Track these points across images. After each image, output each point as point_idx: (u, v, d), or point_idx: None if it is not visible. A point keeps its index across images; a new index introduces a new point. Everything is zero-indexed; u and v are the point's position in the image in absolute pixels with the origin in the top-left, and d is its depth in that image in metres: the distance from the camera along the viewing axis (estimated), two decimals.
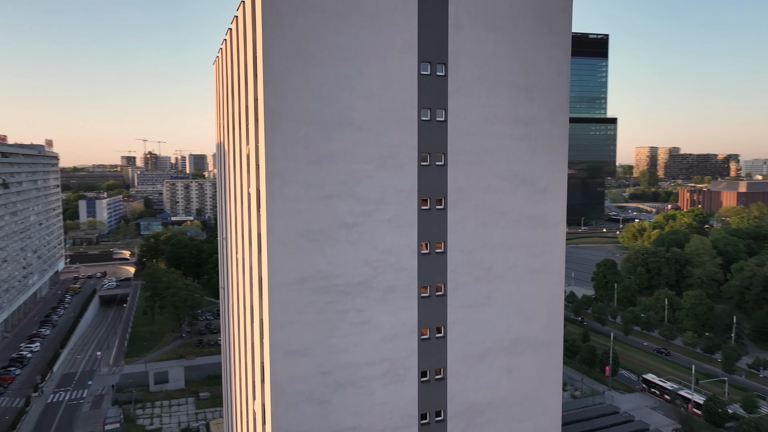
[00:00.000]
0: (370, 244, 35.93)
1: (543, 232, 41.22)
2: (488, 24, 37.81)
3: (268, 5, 32.21)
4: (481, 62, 37.92)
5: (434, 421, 39.06)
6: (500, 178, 39.45)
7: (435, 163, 37.52)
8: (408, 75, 36.05)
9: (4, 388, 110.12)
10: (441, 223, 38.04)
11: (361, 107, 34.91)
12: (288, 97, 33.07)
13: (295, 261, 34.04)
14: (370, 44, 34.86)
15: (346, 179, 34.90)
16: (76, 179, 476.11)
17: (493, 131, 38.77)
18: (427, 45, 36.38)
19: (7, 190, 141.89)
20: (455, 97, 37.51)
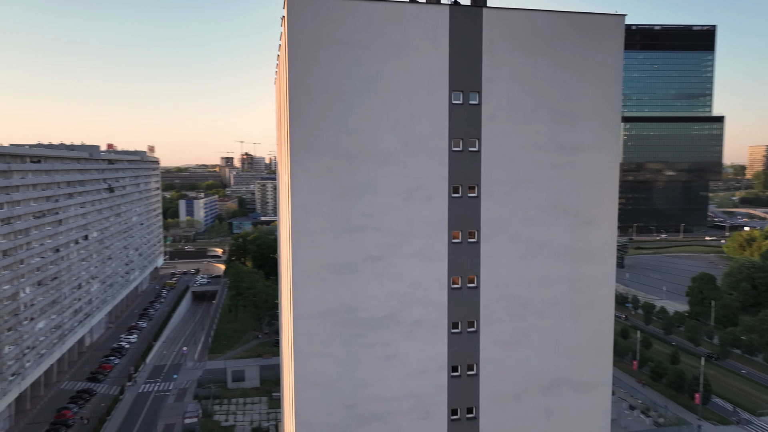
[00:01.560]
0: (396, 278, 35.32)
1: (588, 267, 38.38)
2: (526, 47, 35.76)
3: (294, 40, 32.55)
4: (518, 88, 35.96)
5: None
6: (539, 209, 37.22)
7: (467, 194, 36.13)
8: (438, 104, 34.98)
9: (104, 375, 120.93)
10: (473, 256, 36.58)
11: (388, 139, 34.36)
12: (313, 131, 33.25)
13: (320, 293, 34.20)
14: (398, 75, 34.20)
15: (372, 212, 34.53)
16: (180, 179, 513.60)
17: (531, 160, 36.66)
18: (459, 73, 35.07)
19: (113, 194, 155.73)
20: (489, 126, 35.87)
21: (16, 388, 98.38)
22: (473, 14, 34.87)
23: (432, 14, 34.31)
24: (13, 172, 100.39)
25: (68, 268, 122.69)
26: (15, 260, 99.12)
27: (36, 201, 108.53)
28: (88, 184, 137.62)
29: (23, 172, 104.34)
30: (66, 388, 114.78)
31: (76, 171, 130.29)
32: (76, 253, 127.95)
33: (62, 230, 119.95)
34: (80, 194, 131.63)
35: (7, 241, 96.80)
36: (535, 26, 35.77)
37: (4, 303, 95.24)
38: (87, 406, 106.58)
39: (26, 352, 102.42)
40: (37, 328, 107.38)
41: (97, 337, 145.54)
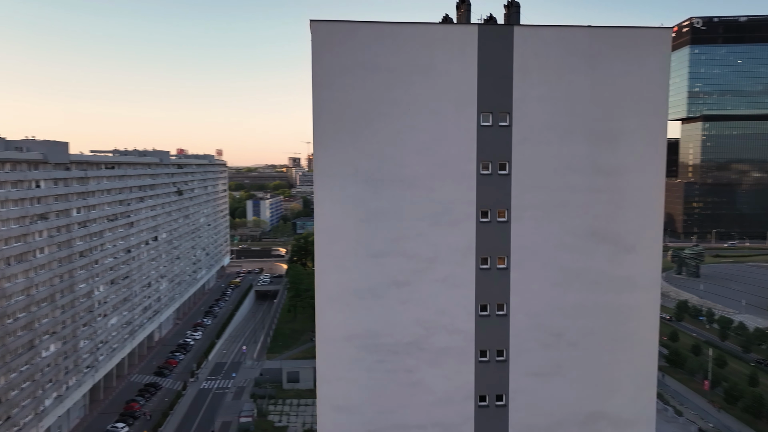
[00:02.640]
0: (421, 304, 34.69)
1: (630, 296, 36.04)
2: (561, 66, 34.03)
3: (318, 66, 32.66)
4: (552, 108, 34.29)
5: None
6: (575, 235, 35.35)
7: (496, 219, 34.90)
8: (465, 127, 34.00)
9: (170, 371, 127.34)
10: (503, 283, 35.30)
11: (413, 163, 33.79)
12: (336, 156, 33.26)
13: (343, 318, 34.18)
14: (423, 98, 33.54)
15: (397, 237, 34.09)
16: (249, 179, 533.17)
17: (566, 183, 34.88)
18: (488, 94, 33.92)
19: (181, 197, 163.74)
20: (521, 148, 34.46)
21: (90, 380, 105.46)
22: (504, 33, 33.61)
23: (460, 35, 33.38)
24: (90, 179, 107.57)
25: (139, 267, 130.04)
26: (90, 260, 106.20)
27: (110, 205, 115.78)
28: (158, 188, 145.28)
29: (98, 178, 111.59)
30: (135, 381, 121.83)
31: (148, 176, 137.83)
32: (147, 254, 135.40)
33: (133, 232, 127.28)
34: (151, 198, 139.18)
35: (83, 242, 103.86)
36: (571, 43, 33.98)
37: (80, 300, 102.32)
38: (153, 399, 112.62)
39: (99, 347, 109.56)
40: (110, 324, 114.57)
41: (166, 333, 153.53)
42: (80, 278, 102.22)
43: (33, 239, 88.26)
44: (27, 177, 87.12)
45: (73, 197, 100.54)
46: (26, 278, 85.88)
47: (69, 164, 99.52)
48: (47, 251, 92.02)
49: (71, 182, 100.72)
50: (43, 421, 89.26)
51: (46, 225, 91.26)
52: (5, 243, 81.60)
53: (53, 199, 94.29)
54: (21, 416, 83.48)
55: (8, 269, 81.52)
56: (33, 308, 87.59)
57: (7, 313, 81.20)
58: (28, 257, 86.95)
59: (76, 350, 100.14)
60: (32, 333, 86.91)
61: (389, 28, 32.76)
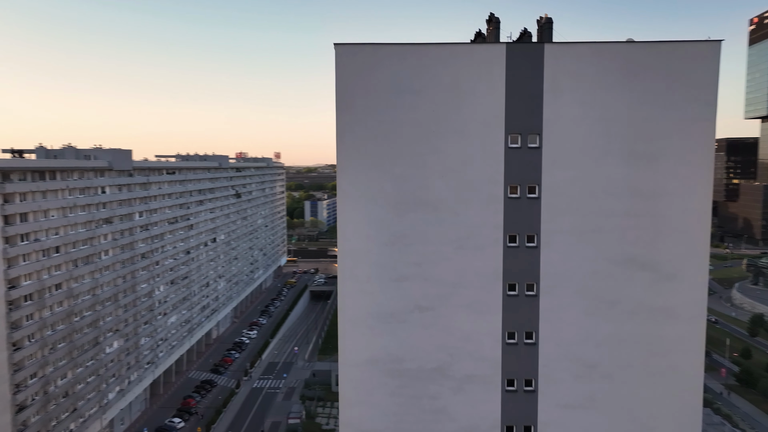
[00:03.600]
0: (446, 330, 33.93)
1: (671, 328, 33.72)
2: (595, 85, 32.24)
3: (341, 90, 32.58)
4: (586, 129, 32.56)
5: None
6: (610, 262, 33.43)
7: (525, 244, 33.57)
8: (492, 149, 32.90)
9: (225, 369, 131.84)
10: (532, 310, 33.93)
11: (438, 186, 33.06)
12: (360, 179, 33.06)
13: (366, 342, 33.97)
14: (449, 119, 32.73)
15: (421, 261, 33.49)
16: (309, 179, 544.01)
17: (600, 208, 33.05)
18: (517, 115, 32.65)
19: (240, 199, 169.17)
20: (551, 171, 32.96)
21: (151, 375, 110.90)
22: (533, 51, 32.23)
23: (487, 54, 32.31)
24: (151, 184, 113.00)
25: (198, 268, 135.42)
26: (151, 262, 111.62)
27: (170, 208, 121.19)
28: (217, 191, 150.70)
29: (160, 183, 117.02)
30: (193, 377, 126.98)
31: (207, 180, 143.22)
32: (205, 255, 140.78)
33: (193, 234, 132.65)
34: (210, 201, 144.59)
35: (145, 245, 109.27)
36: (607, 60, 32.13)
37: (141, 300, 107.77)
38: (208, 396, 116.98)
39: (159, 344, 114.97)
40: (169, 323, 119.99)
41: (223, 331, 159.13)
42: (142, 279, 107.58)
43: (98, 242, 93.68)
44: (93, 184, 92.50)
45: (135, 202, 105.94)
46: (92, 279, 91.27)
47: (132, 170, 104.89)
48: (111, 253, 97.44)
49: (134, 188, 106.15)
50: (107, 414, 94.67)
51: (110, 229, 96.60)
52: (73, 246, 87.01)
53: (117, 204, 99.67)
54: (86, 408, 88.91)
55: (76, 270, 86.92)
56: (98, 307, 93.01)
57: (75, 311, 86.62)
58: (94, 259, 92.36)
59: (137, 347, 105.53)
60: (97, 330, 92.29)
61: (413, 49, 32.19)
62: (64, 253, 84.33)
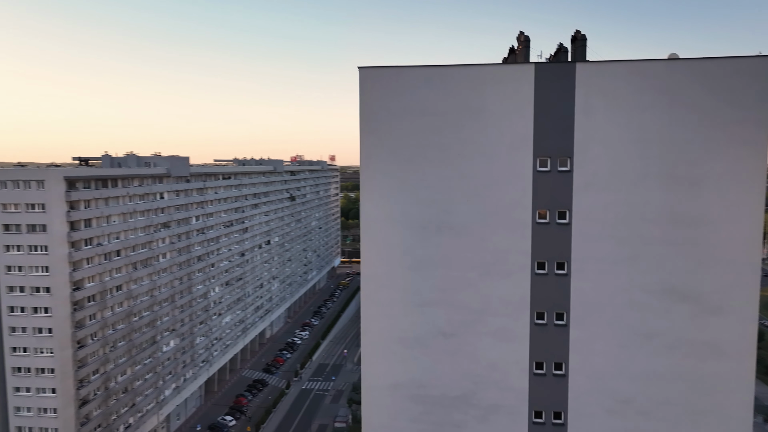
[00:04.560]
0: (470, 357, 33.07)
1: (716, 365, 31.31)
2: (631, 105, 30.38)
3: (365, 112, 32.38)
4: (620, 152, 30.76)
5: None
6: (647, 292, 31.45)
7: (554, 271, 32.16)
8: (520, 172, 31.71)
9: (277, 368, 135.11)
10: (561, 341, 32.47)
11: (463, 210, 32.25)
12: (383, 202, 32.76)
13: (389, 366, 33.66)
14: (474, 142, 31.84)
15: (445, 286, 32.80)
16: None
17: (637, 234, 31.14)
18: (546, 137, 31.31)
19: (294, 202, 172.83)
20: (583, 195, 31.38)
21: (205, 373, 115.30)
22: (564, 71, 30.78)
23: (514, 75, 31.16)
24: (207, 189, 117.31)
25: (252, 269, 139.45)
26: (207, 264, 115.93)
27: (226, 212, 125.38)
28: (272, 194, 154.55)
29: (216, 188, 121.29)
30: (246, 376, 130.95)
31: (262, 184, 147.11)
32: (259, 257, 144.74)
33: (248, 237, 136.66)
34: (264, 204, 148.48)
35: (201, 248, 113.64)
36: (644, 79, 30.21)
37: (197, 301, 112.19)
38: (259, 395, 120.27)
39: (214, 343, 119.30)
40: (224, 323, 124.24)
41: (277, 330, 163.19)
42: (197, 280, 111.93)
43: (157, 246, 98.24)
44: (152, 190, 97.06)
45: (192, 206, 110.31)
46: (150, 281, 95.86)
47: (189, 176, 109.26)
48: (169, 256, 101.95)
49: (191, 193, 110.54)
50: (163, 409, 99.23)
51: (168, 233, 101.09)
52: (133, 249, 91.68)
53: (175, 209, 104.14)
54: (144, 404, 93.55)
55: (135, 273, 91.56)
56: (155, 308, 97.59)
57: (134, 312, 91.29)
58: (152, 262, 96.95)
59: (192, 346, 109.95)
60: (154, 330, 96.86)
61: (437, 71, 31.52)
62: (125, 256, 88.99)
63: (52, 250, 74.44)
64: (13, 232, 74.09)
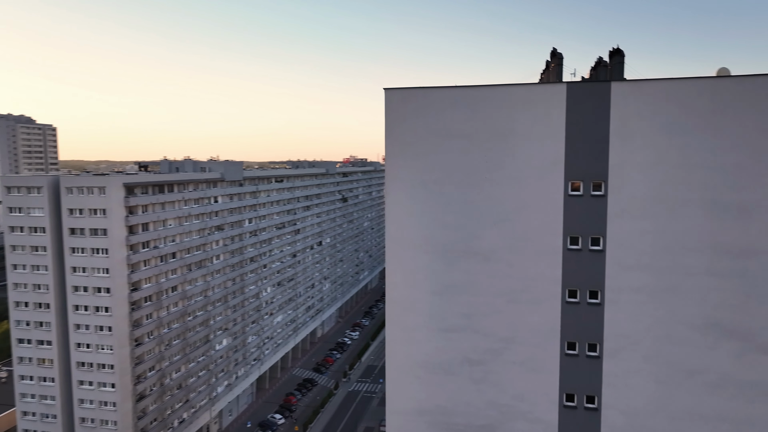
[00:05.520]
0: (497, 386, 32.04)
1: (764, 407, 28.79)
2: (672, 126, 28.33)
3: (391, 135, 31.96)
4: (660, 176, 28.77)
5: None
6: (688, 326, 29.32)
7: (587, 300, 30.59)
8: (550, 197, 30.32)
9: (326, 368, 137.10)
10: (593, 373, 30.86)
11: (490, 235, 31.23)
12: (408, 225, 32.26)
13: (414, 391, 33.16)
14: (503, 164, 30.73)
15: (470, 312, 31.93)
16: None
17: (677, 264, 29.07)
18: (578, 160, 29.76)
19: (346, 203, 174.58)
20: (618, 222, 29.62)
21: (257, 371, 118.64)
22: (599, 91, 29.13)
23: (545, 96, 29.80)
24: (260, 192, 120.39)
25: (303, 270, 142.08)
26: (259, 265, 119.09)
27: (278, 215, 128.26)
28: (324, 196, 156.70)
29: (268, 191, 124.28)
30: (296, 375, 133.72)
31: (314, 186, 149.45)
32: (311, 258, 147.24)
33: (299, 238, 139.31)
34: (317, 206, 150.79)
35: (253, 249, 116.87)
36: (687, 98, 28.10)
37: (249, 301, 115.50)
38: (308, 394, 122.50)
39: (266, 342, 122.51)
40: (275, 322, 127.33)
41: (328, 330, 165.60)
42: (250, 281, 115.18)
43: (210, 248, 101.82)
44: (207, 194, 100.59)
45: (245, 209, 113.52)
46: (204, 282, 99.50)
47: (243, 180, 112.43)
48: (222, 258, 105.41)
49: (244, 196, 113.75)
50: (215, 405, 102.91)
51: (221, 235, 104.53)
52: (188, 252, 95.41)
53: (228, 212, 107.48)
54: (197, 400, 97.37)
55: (189, 274, 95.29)
56: (209, 308, 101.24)
57: (188, 311, 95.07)
58: (206, 264, 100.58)
59: (244, 345, 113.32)
60: (208, 329, 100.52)
61: (464, 92, 30.62)
62: (180, 258, 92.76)
63: (112, 253, 78.54)
64: (77, 236, 78.72)
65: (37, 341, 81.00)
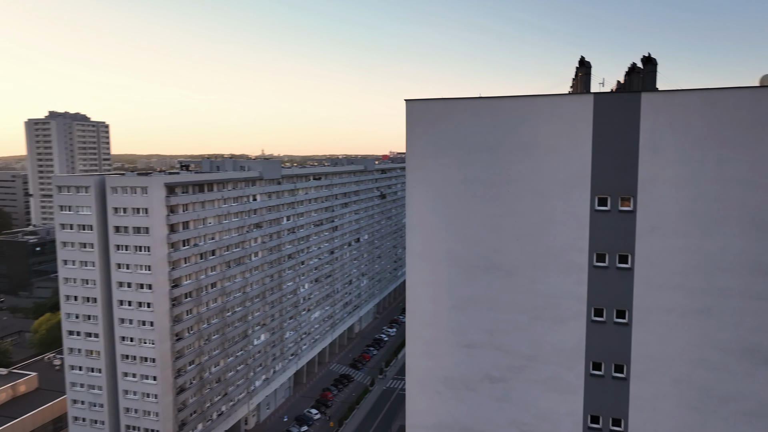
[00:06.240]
0: (519, 405, 31.24)
1: None
2: (707, 139, 26.66)
3: (412, 147, 31.49)
4: (693, 192, 27.17)
5: None
6: (722, 351, 27.68)
7: (613, 319, 29.34)
8: (575, 212, 29.16)
9: (363, 365, 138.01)
10: (620, 395, 29.62)
11: (512, 250, 30.36)
12: (429, 238, 31.75)
13: (433, 406, 32.76)
14: (526, 178, 29.75)
15: (492, 328, 31.19)
16: None
17: (711, 285, 27.45)
18: (605, 174, 28.47)
19: (384, 200, 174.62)
20: (647, 239, 28.20)
21: (294, 366, 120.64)
22: (628, 102, 27.73)
23: (570, 107, 28.62)
24: (298, 190, 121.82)
25: (341, 267, 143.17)
26: (297, 262, 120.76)
27: (316, 212, 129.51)
28: (362, 193, 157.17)
29: (306, 189, 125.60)
30: (333, 370, 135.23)
31: (352, 183, 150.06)
32: (349, 254, 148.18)
33: (337, 235, 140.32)
34: (354, 203, 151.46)
35: (291, 246, 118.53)
36: (724, 111, 26.39)
37: (287, 297, 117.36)
38: (344, 390, 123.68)
39: (303, 337, 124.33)
40: (313, 318, 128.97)
41: (365, 326, 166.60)
42: (288, 278, 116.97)
43: (249, 245, 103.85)
44: (246, 193, 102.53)
45: (283, 207, 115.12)
46: (242, 278, 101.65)
47: (281, 179, 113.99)
48: (260, 255, 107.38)
49: (282, 194, 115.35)
50: (253, 399, 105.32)
51: (260, 233, 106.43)
52: (227, 249, 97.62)
53: (266, 210, 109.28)
54: (236, 393, 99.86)
55: (228, 271, 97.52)
56: (247, 304, 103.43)
57: (227, 307, 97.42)
58: (245, 261, 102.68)
59: (282, 340, 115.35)
60: (246, 324, 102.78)
61: (487, 104, 29.77)
62: (219, 255, 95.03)
63: (154, 251, 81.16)
64: (122, 234, 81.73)
65: (86, 333, 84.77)
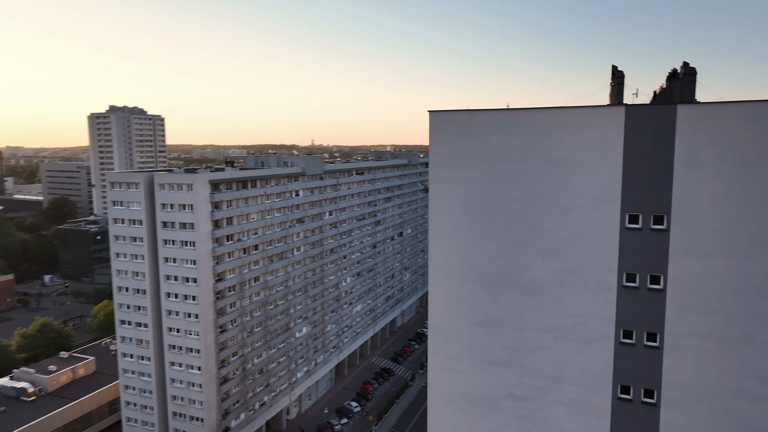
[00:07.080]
0: (542, 426, 30.33)
1: None
2: (748, 155, 24.72)
3: (435, 160, 30.87)
4: (733, 211, 25.33)
5: None
6: (763, 381, 25.82)
7: (643, 342, 27.91)
8: (604, 229, 27.81)
9: (404, 359, 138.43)
10: (650, 423, 28.22)
11: (537, 267, 29.35)
12: (452, 253, 31.14)
13: (455, 422, 32.30)
14: (553, 193, 28.59)
15: (515, 346, 30.35)
16: None
17: (751, 311, 25.60)
18: (637, 191, 26.95)
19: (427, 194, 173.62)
20: (681, 260, 26.57)
21: (335, 359, 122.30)
22: (663, 115, 26.09)
23: (600, 120, 27.20)
24: (341, 185, 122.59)
25: (384, 261, 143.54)
26: (339, 256, 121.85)
27: (359, 206, 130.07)
28: (406, 187, 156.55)
29: (349, 183, 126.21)
30: (374, 363, 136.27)
31: (395, 177, 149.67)
32: (391, 248, 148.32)
33: (380, 229, 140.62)
34: (398, 197, 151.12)
35: (333, 241, 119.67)
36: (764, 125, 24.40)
37: (329, 291, 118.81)
38: (385, 384, 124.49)
39: (345, 330, 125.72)
40: (355, 311, 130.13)
41: (408, 320, 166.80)
42: (330, 272, 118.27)
43: (291, 240, 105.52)
44: (288, 188, 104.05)
45: (326, 202, 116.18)
46: (285, 272, 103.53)
47: (323, 174, 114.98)
48: (303, 249, 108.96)
49: (325, 189, 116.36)
50: (295, 390, 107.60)
51: (302, 228, 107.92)
52: (269, 244, 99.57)
53: (309, 206, 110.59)
54: (278, 384, 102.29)
55: (271, 265, 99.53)
56: (290, 297, 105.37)
57: (269, 301, 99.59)
58: (287, 255, 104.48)
59: (323, 333, 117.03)
60: (288, 317, 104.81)
61: (512, 115, 28.71)
62: (262, 250, 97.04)
63: (199, 246, 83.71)
64: (169, 229, 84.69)
65: (136, 323, 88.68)
